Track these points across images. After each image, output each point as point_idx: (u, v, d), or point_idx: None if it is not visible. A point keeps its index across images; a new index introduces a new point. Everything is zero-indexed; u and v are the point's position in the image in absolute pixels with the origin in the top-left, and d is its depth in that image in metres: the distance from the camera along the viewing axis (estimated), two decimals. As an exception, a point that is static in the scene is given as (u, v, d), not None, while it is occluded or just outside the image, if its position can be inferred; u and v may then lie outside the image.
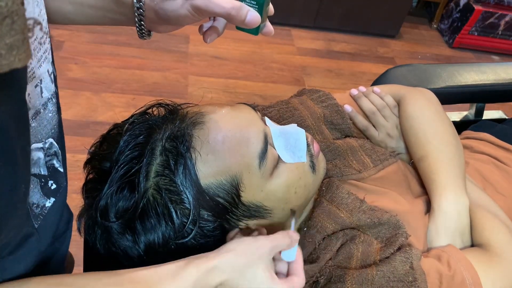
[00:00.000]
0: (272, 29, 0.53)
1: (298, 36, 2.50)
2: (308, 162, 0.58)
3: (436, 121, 0.75)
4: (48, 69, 0.43)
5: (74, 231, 0.56)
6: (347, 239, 0.60)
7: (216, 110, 0.54)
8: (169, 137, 0.50)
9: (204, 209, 0.50)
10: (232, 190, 0.51)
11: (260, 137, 0.53)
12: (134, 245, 0.51)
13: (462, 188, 0.68)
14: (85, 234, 0.55)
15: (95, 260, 0.62)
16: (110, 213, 0.50)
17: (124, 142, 0.51)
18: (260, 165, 0.52)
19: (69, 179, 0.51)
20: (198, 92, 1.96)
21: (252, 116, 0.56)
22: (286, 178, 0.55)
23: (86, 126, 1.67)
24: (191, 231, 0.50)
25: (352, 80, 2.28)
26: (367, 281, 0.53)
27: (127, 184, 0.49)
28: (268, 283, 0.45)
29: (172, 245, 0.51)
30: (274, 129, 0.57)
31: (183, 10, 0.47)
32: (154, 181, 0.49)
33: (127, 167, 0.49)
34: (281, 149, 0.56)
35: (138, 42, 2.17)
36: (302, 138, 0.59)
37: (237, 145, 0.51)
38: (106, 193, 0.49)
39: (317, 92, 0.79)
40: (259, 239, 0.46)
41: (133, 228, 0.50)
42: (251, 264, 0.44)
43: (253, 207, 0.53)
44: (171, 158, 0.49)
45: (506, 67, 1.10)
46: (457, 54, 2.69)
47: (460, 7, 2.66)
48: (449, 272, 0.56)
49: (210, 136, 0.51)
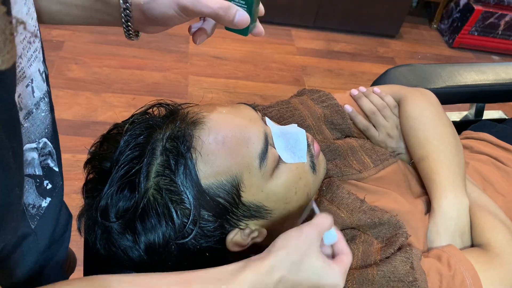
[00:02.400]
0: (262, 30, 0.52)
1: (298, 36, 2.50)
2: (308, 162, 0.58)
3: (436, 121, 0.75)
4: (39, 68, 0.42)
5: (74, 231, 0.56)
6: (347, 239, 0.60)
7: (217, 110, 0.54)
8: (170, 137, 0.50)
9: (205, 209, 0.50)
10: (232, 190, 0.51)
11: (260, 137, 0.53)
12: (134, 245, 0.51)
13: (462, 188, 0.68)
14: (85, 234, 0.55)
15: (95, 260, 0.62)
16: (111, 213, 0.50)
17: (124, 142, 0.51)
18: (261, 165, 0.52)
19: (69, 179, 0.51)
20: (198, 92, 1.96)
21: (253, 116, 0.56)
22: (287, 178, 0.55)
23: (86, 126, 1.67)
24: (192, 231, 0.50)
25: (352, 80, 2.28)
26: (367, 281, 0.53)
27: (128, 184, 0.49)
28: (325, 269, 0.45)
29: (173, 245, 0.50)
30: (275, 129, 0.57)
31: (170, 10, 0.46)
32: (154, 181, 0.49)
33: (128, 167, 0.49)
34: (281, 149, 0.56)
35: (138, 42, 2.17)
36: (302, 138, 0.58)
37: (237, 145, 0.51)
38: (107, 193, 0.49)
39: (318, 92, 0.79)
40: (304, 228, 0.46)
41: (133, 228, 0.50)
42: (305, 256, 0.44)
43: (254, 207, 0.53)
44: (171, 158, 0.49)
45: (506, 67, 1.10)
46: (457, 54, 2.69)
47: (460, 7, 2.66)
48: (449, 272, 0.56)
49: (210, 136, 0.51)
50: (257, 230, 0.55)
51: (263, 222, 0.56)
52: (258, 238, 0.56)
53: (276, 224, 0.57)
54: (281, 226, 0.59)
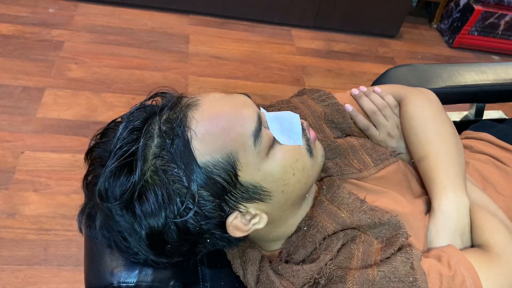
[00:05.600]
0: None
1: (298, 36, 2.50)
2: (304, 146, 0.58)
3: (437, 121, 0.75)
4: None
5: (74, 231, 0.57)
6: (347, 240, 0.60)
7: (211, 94, 0.56)
8: (166, 120, 0.52)
9: (203, 188, 0.51)
10: (229, 168, 0.51)
11: (254, 116, 0.54)
12: (135, 227, 0.51)
13: (462, 188, 0.68)
14: (85, 226, 0.55)
15: (95, 260, 0.62)
16: (110, 195, 0.50)
17: (122, 128, 0.52)
18: (255, 144, 0.53)
19: (69, 179, 0.51)
20: (198, 92, 1.96)
21: (246, 100, 0.57)
22: (282, 158, 0.55)
23: (86, 126, 1.67)
24: (190, 210, 0.51)
25: (352, 80, 2.28)
26: (368, 281, 0.53)
27: (125, 166, 0.50)
28: None
29: (172, 225, 0.51)
30: (269, 114, 0.58)
31: None
32: (151, 162, 0.50)
33: (125, 149, 0.50)
34: (276, 132, 0.56)
35: (138, 42, 2.17)
36: (296, 122, 0.59)
37: (231, 124, 0.52)
38: (105, 174, 0.50)
39: (318, 92, 0.79)
40: None
41: (133, 210, 0.50)
42: None
43: (252, 187, 0.54)
44: (167, 139, 0.50)
45: (506, 67, 1.10)
46: (457, 54, 2.69)
47: (460, 7, 2.66)
48: (450, 273, 0.56)
49: (204, 116, 0.52)
50: (258, 215, 0.56)
51: (263, 206, 0.56)
52: (259, 224, 0.56)
53: (276, 210, 0.57)
54: (282, 213, 0.59)
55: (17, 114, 1.67)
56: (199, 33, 2.31)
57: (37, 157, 1.52)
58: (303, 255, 0.60)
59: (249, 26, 2.47)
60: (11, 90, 1.76)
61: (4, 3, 2.20)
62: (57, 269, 1.25)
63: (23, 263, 1.25)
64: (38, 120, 1.65)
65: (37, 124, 1.63)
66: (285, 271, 0.59)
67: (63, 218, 1.35)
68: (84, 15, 2.27)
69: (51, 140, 1.58)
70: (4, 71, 1.84)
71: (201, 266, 0.69)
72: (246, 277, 0.64)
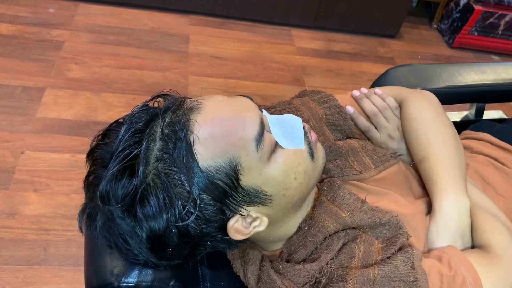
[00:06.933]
0: None
1: (298, 36, 2.50)
2: (306, 149, 0.58)
3: (437, 122, 0.75)
4: None
5: (75, 231, 0.57)
6: (348, 239, 0.60)
7: (213, 97, 0.56)
8: (168, 123, 0.51)
9: (204, 192, 0.51)
10: (230, 173, 0.51)
11: (256, 120, 0.54)
12: (136, 230, 0.51)
13: (463, 189, 0.68)
14: (86, 226, 0.55)
15: (95, 260, 0.62)
16: (111, 198, 0.50)
17: (124, 130, 0.52)
18: (258, 148, 0.52)
19: (69, 179, 0.51)
20: (198, 92, 1.96)
21: (249, 104, 0.57)
22: (284, 162, 0.55)
23: (86, 126, 1.67)
24: (191, 214, 0.50)
25: (352, 80, 2.28)
26: (369, 281, 0.53)
27: (127, 169, 0.50)
28: None
29: (173, 229, 0.51)
30: (271, 117, 0.58)
31: None
32: (153, 166, 0.50)
33: (127, 152, 0.50)
34: (278, 136, 0.56)
35: (138, 42, 2.17)
36: (299, 126, 0.59)
37: (234, 128, 0.52)
38: (107, 176, 0.50)
39: (319, 93, 0.79)
40: None
41: (134, 213, 0.50)
42: None
43: (253, 191, 0.53)
44: (169, 142, 0.50)
45: (506, 67, 1.10)
46: (457, 54, 2.69)
47: (460, 7, 2.66)
48: (450, 273, 0.56)
49: (207, 119, 0.52)
50: (258, 218, 0.55)
51: (264, 209, 0.55)
52: (260, 227, 0.56)
53: (277, 213, 0.57)
54: (283, 216, 0.59)
55: (17, 114, 1.67)
56: (199, 33, 2.31)
57: (37, 157, 1.52)
58: (304, 255, 0.60)
59: (249, 26, 2.47)
60: (11, 90, 1.76)
61: (4, 3, 2.20)
62: (57, 269, 1.25)
63: (23, 263, 1.25)
64: (38, 120, 1.65)
65: (37, 124, 1.63)
66: (286, 270, 0.59)
67: (63, 218, 1.35)
68: (84, 15, 2.27)
69: (51, 140, 1.58)
70: (4, 71, 1.84)
71: (201, 266, 0.69)
72: (246, 276, 0.64)
